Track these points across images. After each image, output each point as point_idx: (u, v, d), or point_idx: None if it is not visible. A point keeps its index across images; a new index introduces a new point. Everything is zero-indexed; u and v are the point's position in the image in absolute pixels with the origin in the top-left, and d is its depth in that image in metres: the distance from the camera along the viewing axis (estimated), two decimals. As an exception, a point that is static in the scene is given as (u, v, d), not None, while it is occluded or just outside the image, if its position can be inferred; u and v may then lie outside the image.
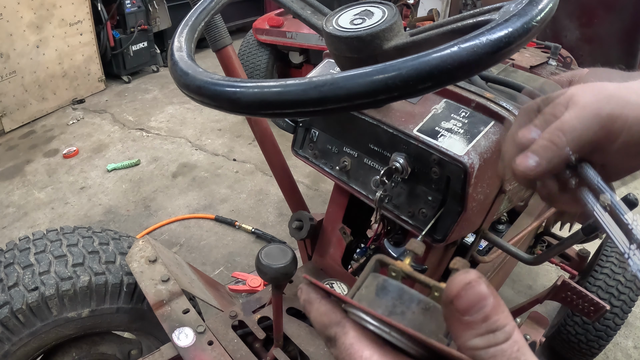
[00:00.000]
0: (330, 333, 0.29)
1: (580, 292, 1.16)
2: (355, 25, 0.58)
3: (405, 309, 0.29)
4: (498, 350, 0.25)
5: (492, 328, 0.25)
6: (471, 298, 0.26)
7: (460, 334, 0.26)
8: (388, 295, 0.30)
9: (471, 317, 0.26)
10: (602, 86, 0.40)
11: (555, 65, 1.45)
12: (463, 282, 0.26)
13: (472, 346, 0.26)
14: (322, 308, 0.30)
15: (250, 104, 0.42)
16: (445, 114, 0.74)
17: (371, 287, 0.31)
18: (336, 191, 1.06)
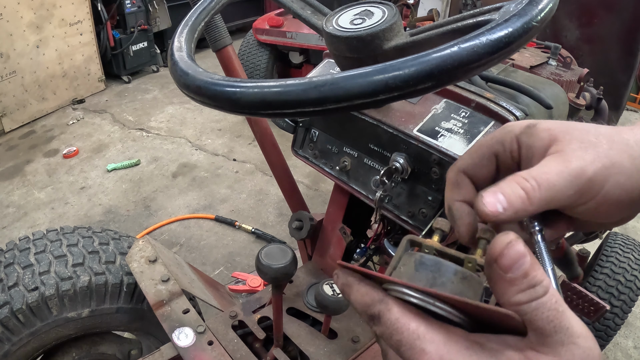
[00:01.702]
0: (374, 311, 0.30)
1: (580, 292, 1.16)
2: (355, 25, 0.58)
3: (444, 280, 0.31)
4: (539, 303, 0.27)
5: (532, 283, 0.27)
6: (513, 256, 0.28)
7: (504, 291, 0.28)
8: (426, 269, 0.32)
9: (513, 274, 0.27)
10: (592, 141, 0.36)
11: (555, 65, 1.45)
12: (505, 241, 0.28)
13: (516, 301, 0.27)
14: (362, 289, 0.31)
15: (250, 104, 0.42)
16: (445, 114, 0.74)
17: (409, 264, 0.33)
18: (336, 191, 1.06)
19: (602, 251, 1.65)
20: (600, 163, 0.34)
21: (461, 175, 0.40)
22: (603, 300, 1.41)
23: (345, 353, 0.90)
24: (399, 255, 0.35)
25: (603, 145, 0.35)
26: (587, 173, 0.34)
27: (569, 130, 0.36)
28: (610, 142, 0.36)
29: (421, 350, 0.28)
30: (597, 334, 1.53)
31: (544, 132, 0.37)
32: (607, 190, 0.35)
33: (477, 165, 0.39)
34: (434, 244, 0.35)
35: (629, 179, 0.35)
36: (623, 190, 0.35)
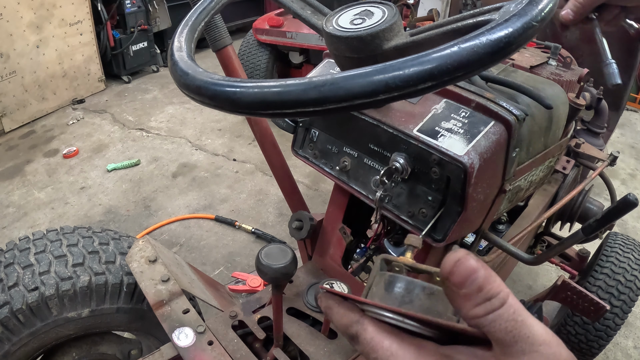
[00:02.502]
0: (352, 331, 0.33)
1: (580, 292, 1.16)
2: (355, 25, 0.58)
3: (413, 297, 0.33)
4: (496, 315, 0.28)
5: (487, 296, 0.28)
6: (463, 273, 0.28)
7: (461, 307, 0.29)
8: (396, 288, 0.34)
9: (467, 289, 0.28)
10: None
11: (555, 65, 1.45)
12: (454, 260, 0.29)
13: (472, 315, 0.28)
14: (341, 311, 0.34)
15: (250, 104, 0.42)
16: (445, 114, 0.74)
17: (380, 284, 0.35)
18: (336, 191, 1.06)
19: (602, 251, 1.65)
20: None
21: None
22: (603, 300, 1.41)
23: (345, 353, 0.90)
24: (374, 276, 0.37)
25: None
26: None
27: None
28: None
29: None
30: (597, 334, 1.53)
31: None
32: None
33: None
34: (406, 261, 0.37)
35: None
36: None
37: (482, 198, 0.75)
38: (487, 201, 0.79)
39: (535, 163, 0.88)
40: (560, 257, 1.82)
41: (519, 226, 1.27)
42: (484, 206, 0.80)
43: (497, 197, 0.81)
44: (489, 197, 0.79)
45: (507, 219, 1.35)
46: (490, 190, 0.77)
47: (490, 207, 0.83)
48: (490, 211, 0.84)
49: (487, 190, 0.75)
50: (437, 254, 0.91)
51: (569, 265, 1.79)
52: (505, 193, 0.81)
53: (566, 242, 0.86)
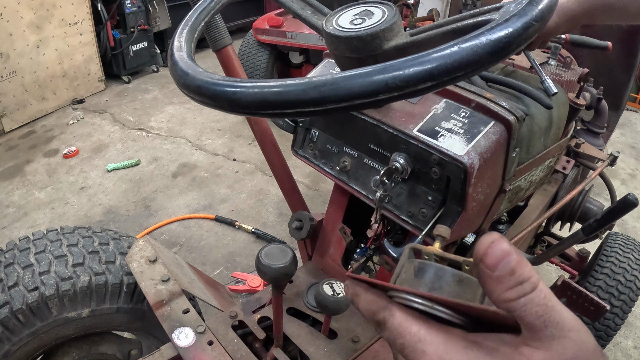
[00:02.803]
0: (379, 317, 0.33)
1: (580, 292, 1.16)
2: (355, 25, 0.58)
3: (443, 284, 0.33)
4: (528, 299, 0.28)
5: (519, 280, 0.28)
6: (497, 254, 0.28)
7: (493, 290, 0.29)
8: (425, 275, 0.34)
9: (499, 272, 0.28)
10: None
11: (555, 65, 1.45)
12: (488, 241, 0.29)
13: (504, 298, 0.28)
14: (368, 297, 0.34)
15: (250, 104, 0.42)
16: (445, 114, 0.74)
17: (409, 271, 0.35)
18: (336, 191, 1.06)
19: (602, 251, 1.65)
20: None
21: None
22: (603, 300, 1.41)
23: (345, 353, 0.90)
24: (402, 264, 0.37)
25: None
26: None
27: None
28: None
29: (422, 351, 0.29)
30: (597, 334, 1.53)
31: None
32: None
33: None
34: (435, 250, 0.37)
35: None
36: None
37: (482, 198, 0.75)
38: (487, 201, 0.79)
39: (535, 163, 0.88)
40: (560, 257, 1.81)
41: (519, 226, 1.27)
42: (484, 206, 0.80)
43: (497, 197, 0.81)
44: (489, 197, 0.79)
45: (507, 219, 1.35)
46: (490, 190, 0.77)
47: (490, 207, 0.83)
48: (490, 211, 0.84)
49: (487, 190, 0.75)
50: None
51: (569, 265, 1.79)
52: (505, 193, 0.81)
53: (566, 242, 0.86)
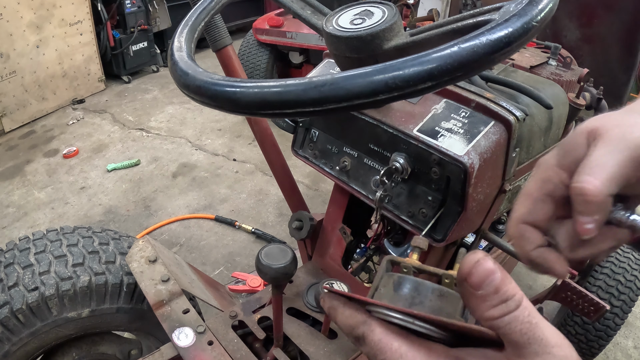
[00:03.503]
0: (358, 333, 0.32)
1: (580, 292, 1.16)
2: (355, 25, 0.58)
3: (423, 298, 0.32)
4: (512, 317, 0.28)
5: (503, 298, 0.28)
6: (481, 273, 0.29)
7: (477, 308, 0.29)
8: (405, 289, 0.33)
9: (484, 290, 0.28)
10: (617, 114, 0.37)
11: (555, 65, 1.46)
12: (473, 260, 0.29)
13: (488, 317, 0.28)
14: (346, 312, 0.33)
15: (250, 104, 0.42)
16: (445, 114, 0.74)
17: (388, 285, 0.34)
18: (336, 191, 1.06)
19: (602, 251, 1.64)
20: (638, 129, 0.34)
21: (521, 226, 0.39)
22: (603, 300, 1.41)
23: (345, 353, 0.90)
24: (380, 276, 0.36)
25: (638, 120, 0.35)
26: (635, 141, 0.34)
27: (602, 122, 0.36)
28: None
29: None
30: (597, 334, 1.53)
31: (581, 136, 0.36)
32: None
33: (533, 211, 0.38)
34: (413, 262, 0.36)
35: None
36: None
37: (482, 198, 0.75)
38: (487, 201, 0.79)
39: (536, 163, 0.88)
40: (560, 257, 1.81)
41: (519, 226, 1.27)
42: (484, 206, 0.80)
43: (497, 197, 0.81)
44: (489, 197, 0.79)
45: (507, 219, 1.35)
46: (490, 190, 0.77)
47: (490, 207, 0.83)
48: (490, 211, 0.84)
49: (487, 190, 0.75)
50: (437, 254, 0.91)
51: (569, 265, 1.78)
52: (505, 193, 0.81)
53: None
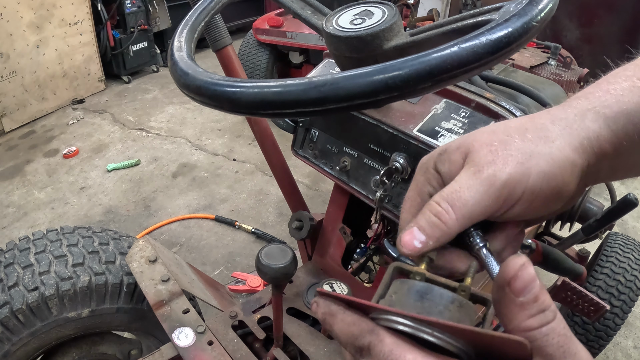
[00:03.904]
0: (363, 343, 0.28)
1: (580, 292, 1.16)
2: (355, 25, 0.58)
3: (442, 308, 0.29)
4: (550, 328, 0.26)
5: (542, 307, 0.26)
6: (525, 279, 0.27)
7: (514, 316, 0.27)
8: (421, 297, 0.30)
9: (524, 297, 0.26)
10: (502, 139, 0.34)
11: (555, 65, 1.46)
12: (518, 264, 0.27)
13: (526, 327, 0.26)
14: (347, 319, 0.29)
15: (250, 104, 0.42)
16: (445, 114, 0.74)
17: (401, 291, 0.31)
18: (336, 191, 1.06)
19: (602, 251, 1.65)
20: (515, 161, 0.32)
21: None
22: (603, 300, 1.41)
23: (345, 353, 0.89)
24: (386, 283, 0.33)
25: (515, 140, 0.33)
26: (501, 177, 0.32)
27: (476, 138, 0.35)
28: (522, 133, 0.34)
29: None
30: (597, 334, 1.53)
31: (456, 153, 0.35)
32: (532, 184, 0.33)
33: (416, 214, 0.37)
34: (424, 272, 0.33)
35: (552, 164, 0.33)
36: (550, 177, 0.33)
37: (482, 198, 0.75)
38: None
39: (535, 163, 0.88)
40: (560, 257, 1.81)
41: (519, 226, 1.27)
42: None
43: (497, 197, 0.81)
44: (489, 197, 0.78)
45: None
46: (490, 190, 0.77)
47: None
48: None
49: (487, 190, 0.75)
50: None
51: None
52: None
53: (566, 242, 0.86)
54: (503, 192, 0.32)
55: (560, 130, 0.34)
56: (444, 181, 0.36)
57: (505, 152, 0.33)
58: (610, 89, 0.35)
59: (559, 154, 0.33)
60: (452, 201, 0.32)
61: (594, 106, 0.34)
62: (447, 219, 0.32)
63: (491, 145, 0.33)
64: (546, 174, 0.33)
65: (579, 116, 0.34)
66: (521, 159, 0.33)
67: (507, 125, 0.35)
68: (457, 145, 0.36)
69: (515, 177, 0.32)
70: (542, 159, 0.33)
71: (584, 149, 0.34)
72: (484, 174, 0.32)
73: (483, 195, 0.32)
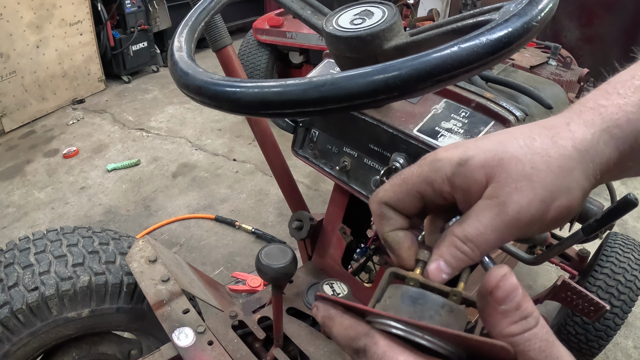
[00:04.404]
0: (359, 345, 0.30)
1: (580, 292, 1.16)
2: (355, 25, 0.58)
3: (433, 312, 0.31)
4: (532, 334, 0.28)
5: (524, 314, 0.28)
6: (508, 288, 0.28)
7: (497, 323, 0.29)
8: (413, 302, 0.31)
9: (507, 305, 0.28)
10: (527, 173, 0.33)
11: (555, 65, 1.46)
12: (500, 274, 0.29)
13: (509, 333, 0.28)
14: (345, 322, 0.31)
15: (250, 104, 0.42)
16: (445, 114, 0.74)
17: (395, 296, 0.33)
18: (336, 191, 1.06)
19: (602, 251, 1.65)
20: (538, 200, 0.33)
21: (384, 207, 0.37)
22: (603, 300, 1.41)
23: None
24: (382, 287, 0.35)
25: (540, 172, 0.33)
26: (524, 219, 0.33)
27: (503, 165, 0.34)
28: (547, 164, 0.33)
29: None
30: (597, 334, 1.53)
31: (479, 172, 0.34)
32: (548, 219, 0.34)
33: (400, 200, 0.37)
34: (418, 277, 0.34)
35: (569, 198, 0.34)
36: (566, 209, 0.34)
37: (482, 198, 0.75)
38: (487, 201, 0.79)
39: (535, 163, 0.88)
40: (560, 257, 1.81)
41: (519, 226, 1.27)
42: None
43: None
44: (489, 197, 0.79)
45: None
46: (490, 190, 0.77)
47: (490, 207, 0.82)
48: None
49: (487, 190, 0.75)
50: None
51: (569, 265, 1.79)
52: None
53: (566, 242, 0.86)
54: (525, 229, 0.34)
55: (579, 156, 0.34)
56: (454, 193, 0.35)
57: (530, 192, 0.33)
58: (622, 105, 0.35)
59: (576, 186, 0.34)
60: (478, 242, 0.34)
61: (608, 126, 0.34)
62: (472, 256, 0.34)
63: (516, 182, 0.33)
64: (563, 208, 0.34)
65: (595, 136, 0.34)
66: (543, 197, 0.33)
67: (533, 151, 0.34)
68: (480, 164, 0.34)
69: (536, 216, 0.33)
70: (563, 195, 0.33)
71: (595, 174, 0.34)
72: (509, 215, 0.33)
73: (507, 235, 0.34)
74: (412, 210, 0.37)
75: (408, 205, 0.37)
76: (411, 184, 0.36)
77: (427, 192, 0.36)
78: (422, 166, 0.37)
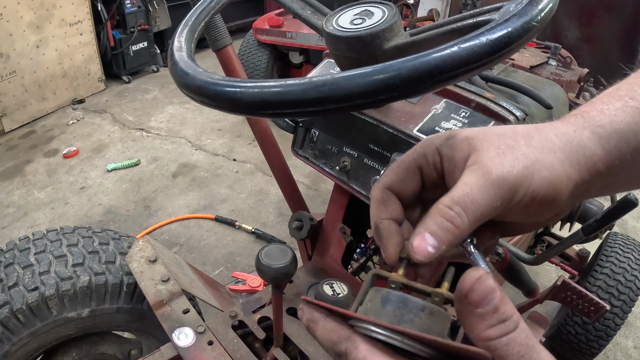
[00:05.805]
0: (341, 349, 0.30)
1: (580, 292, 1.16)
2: (355, 25, 0.58)
3: (412, 316, 0.31)
4: (510, 338, 0.27)
5: (502, 318, 0.27)
6: (483, 291, 0.28)
7: (474, 327, 0.28)
8: (393, 306, 0.31)
9: (483, 309, 0.28)
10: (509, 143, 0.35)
11: (555, 65, 1.46)
12: (475, 277, 0.28)
13: (486, 337, 0.27)
14: (328, 325, 0.31)
15: (250, 104, 0.42)
16: (445, 114, 0.74)
17: (375, 299, 0.32)
18: (336, 191, 1.06)
19: (602, 251, 1.65)
20: (521, 164, 0.33)
21: (386, 192, 0.38)
22: (603, 300, 1.41)
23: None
24: (365, 290, 0.35)
25: (521, 145, 0.35)
26: (510, 179, 0.33)
27: (486, 137, 0.35)
28: (528, 140, 0.35)
29: None
30: (597, 334, 1.53)
31: (463, 142, 0.36)
32: (533, 188, 0.34)
33: (402, 180, 0.38)
34: (400, 279, 0.34)
35: (552, 172, 0.34)
36: (549, 184, 0.34)
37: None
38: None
39: (535, 163, 0.88)
40: (560, 257, 1.82)
41: (519, 226, 1.27)
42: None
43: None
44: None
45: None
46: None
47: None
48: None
49: (487, 190, 0.75)
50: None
51: (569, 265, 1.79)
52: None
53: (566, 242, 0.86)
54: (510, 193, 0.34)
55: (562, 144, 0.35)
56: (442, 165, 0.37)
57: (512, 156, 0.34)
58: (604, 109, 0.37)
59: (559, 165, 0.35)
60: (465, 204, 0.33)
61: (590, 125, 0.36)
62: (460, 222, 0.33)
63: (499, 148, 0.34)
64: (546, 180, 0.34)
65: (577, 133, 0.36)
66: (526, 164, 0.34)
67: (515, 131, 0.36)
68: (465, 136, 0.36)
69: (520, 179, 0.33)
70: (545, 166, 0.34)
71: (580, 166, 0.35)
72: (494, 175, 0.33)
73: (493, 197, 0.33)
74: (411, 190, 0.38)
75: (409, 185, 0.38)
76: (408, 161, 0.38)
77: (423, 164, 0.38)
78: (416, 146, 0.39)
